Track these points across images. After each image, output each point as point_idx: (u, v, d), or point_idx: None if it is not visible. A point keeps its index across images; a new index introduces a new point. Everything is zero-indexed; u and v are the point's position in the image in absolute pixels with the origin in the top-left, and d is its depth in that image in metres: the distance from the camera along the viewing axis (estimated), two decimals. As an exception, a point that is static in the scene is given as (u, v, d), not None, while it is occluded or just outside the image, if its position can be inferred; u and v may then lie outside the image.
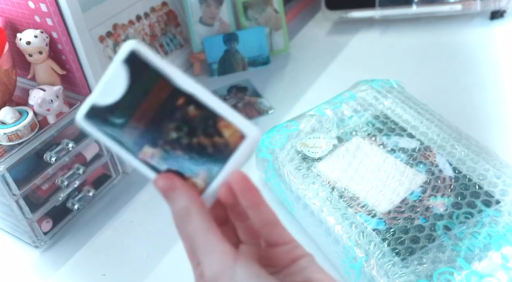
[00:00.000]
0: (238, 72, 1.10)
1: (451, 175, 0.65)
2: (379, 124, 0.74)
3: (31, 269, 0.72)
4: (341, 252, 0.61)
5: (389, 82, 0.81)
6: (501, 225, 0.58)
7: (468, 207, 0.61)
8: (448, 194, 0.63)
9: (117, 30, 1.02)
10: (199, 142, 0.35)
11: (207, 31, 1.09)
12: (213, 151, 0.35)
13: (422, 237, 0.59)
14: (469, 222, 0.59)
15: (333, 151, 0.71)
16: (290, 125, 0.77)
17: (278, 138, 0.75)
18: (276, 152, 0.74)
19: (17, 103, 0.73)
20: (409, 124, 0.73)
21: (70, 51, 0.71)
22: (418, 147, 0.69)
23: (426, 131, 0.72)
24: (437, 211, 0.61)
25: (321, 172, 0.69)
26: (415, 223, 0.61)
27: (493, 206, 0.61)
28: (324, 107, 0.78)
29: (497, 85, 0.96)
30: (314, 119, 0.76)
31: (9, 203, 0.67)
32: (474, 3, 1.10)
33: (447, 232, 0.59)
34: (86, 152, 0.77)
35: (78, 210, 0.77)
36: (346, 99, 0.78)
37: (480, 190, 0.63)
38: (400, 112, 0.75)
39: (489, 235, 0.57)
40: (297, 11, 1.29)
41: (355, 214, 0.63)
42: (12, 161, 0.65)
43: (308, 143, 0.73)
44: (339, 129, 0.74)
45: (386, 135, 0.72)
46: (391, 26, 1.18)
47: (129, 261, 0.71)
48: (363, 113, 0.76)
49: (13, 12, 0.72)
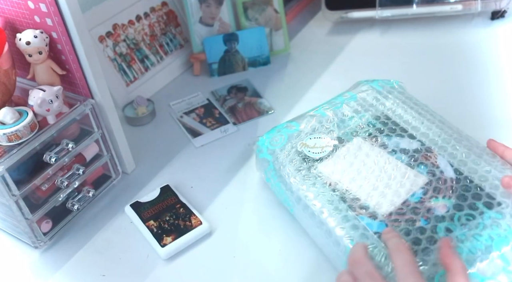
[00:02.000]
0: (238, 73, 1.10)
1: (453, 176, 0.65)
2: (380, 125, 0.73)
3: (31, 269, 0.72)
4: (342, 254, 0.61)
5: (389, 82, 0.81)
6: (502, 228, 0.58)
7: (470, 209, 0.61)
8: (449, 196, 0.63)
9: (117, 30, 1.02)
10: (179, 222, 0.74)
11: (207, 31, 1.09)
12: (183, 226, 0.73)
13: (424, 239, 0.59)
14: (471, 224, 0.59)
15: (334, 151, 0.71)
16: (290, 126, 0.76)
17: (278, 139, 0.75)
18: (277, 153, 0.73)
19: (17, 103, 0.73)
20: (410, 125, 0.73)
21: (70, 51, 0.71)
22: (419, 148, 0.69)
23: (427, 132, 0.71)
24: (439, 212, 0.61)
25: (322, 172, 0.69)
26: (416, 225, 0.60)
27: (495, 208, 0.60)
28: (324, 107, 0.78)
29: (498, 86, 0.96)
30: (315, 119, 0.76)
31: (8, 203, 0.67)
32: (475, 3, 1.10)
33: (448, 234, 0.59)
34: (86, 152, 0.77)
35: (78, 210, 0.76)
36: (347, 100, 0.78)
37: (481, 192, 0.62)
38: (401, 113, 0.75)
39: (491, 237, 0.57)
40: (297, 11, 1.29)
41: (356, 216, 0.63)
42: (11, 161, 0.65)
43: (309, 143, 0.73)
44: (339, 130, 0.74)
45: (387, 136, 0.72)
46: (392, 26, 1.18)
47: (129, 261, 0.71)
48: (364, 114, 0.75)
49: (13, 12, 0.72)
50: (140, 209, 0.77)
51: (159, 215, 0.75)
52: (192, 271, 0.69)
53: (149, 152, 0.90)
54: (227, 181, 0.82)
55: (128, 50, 1.03)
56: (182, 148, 0.91)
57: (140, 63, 1.05)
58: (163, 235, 0.72)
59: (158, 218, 0.75)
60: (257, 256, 0.70)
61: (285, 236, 0.72)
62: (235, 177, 0.83)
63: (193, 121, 0.96)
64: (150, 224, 0.74)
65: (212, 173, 0.84)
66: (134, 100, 0.99)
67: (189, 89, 1.05)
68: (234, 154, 0.87)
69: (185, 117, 0.98)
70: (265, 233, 0.73)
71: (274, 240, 0.72)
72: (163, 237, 0.72)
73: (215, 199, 0.79)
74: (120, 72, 1.01)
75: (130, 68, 1.03)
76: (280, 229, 0.73)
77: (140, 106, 0.98)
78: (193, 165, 0.87)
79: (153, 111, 0.99)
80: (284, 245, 0.71)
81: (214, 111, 0.99)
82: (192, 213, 0.75)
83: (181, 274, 0.69)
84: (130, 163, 0.86)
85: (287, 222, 0.73)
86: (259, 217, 0.75)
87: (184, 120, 0.97)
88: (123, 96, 1.00)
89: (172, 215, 0.75)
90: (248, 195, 0.79)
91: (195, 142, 0.91)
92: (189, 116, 0.98)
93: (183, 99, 1.03)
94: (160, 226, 0.73)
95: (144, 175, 0.85)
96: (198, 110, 0.99)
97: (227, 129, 0.93)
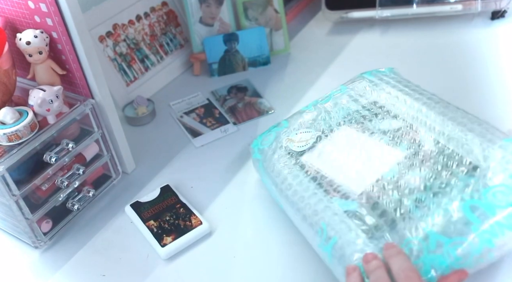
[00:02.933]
0: (238, 72, 1.10)
1: (432, 148, 0.65)
2: (366, 112, 0.74)
3: (31, 269, 0.72)
4: (315, 235, 0.63)
5: (382, 71, 0.81)
6: (476, 191, 0.58)
7: (442, 178, 0.61)
8: (423, 168, 0.63)
9: (117, 30, 1.02)
10: (179, 222, 0.74)
11: (207, 31, 1.09)
12: (183, 226, 0.73)
13: (392, 212, 0.59)
14: (443, 192, 0.59)
15: (317, 142, 0.72)
16: (280, 125, 0.78)
17: (267, 138, 0.76)
18: (265, 151, 0.75)
19: (17, 103, 0.73)
20: (394, 106, 0.73)
21: (70, 51, 0.71)
22: (401, 127, 0.69)
23: (411, 110, 0.71)
24: (411, 185, 0.61)
25: (305, 164, 0.70)
26: (386, 199, 0.61)
27: (470, 172, 0.60)
28: (314, 103, 0.79)
29: (498, 85, 0.96)
30: (303, 115, 0.77)
31: (9, 203, 0.67)
32: (475, 3, 1.10)
33: (418, 205, 0.59)
34: (86, 152, 0.77)
35: (78, 210, 0.76)
36: (336, 93, 0.79)
37: (458, 159, 0.62)
38: (387, 97, 0.74)
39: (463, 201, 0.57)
40: (297, 11, 1.29)
41: (330, 198, 0.64)
42: (12, 161, 0.65)
43: (294, 138, 0.74)
44: (325, 122, 0.75)
45: (370, 121, 0.72)
46: (392, 26, 1.18)
47: (129, 261, 0.71)
48: (352, 104, 0.76)
49: (13, 12, 0.72)
50: (140, 209, 0.77)
51: (159, 215, 0.75)
52: (192, 271, 0.69)
53: (149, 152, 0.90)
54: (227, 181, 0.82)
55: (128, 50, 1.03)
56: (182, 148, 0.91)
57: (140, 63, 1.05)
58: (163, 235, 0.72)
59: (158, 218, 0.75)
60: (257, 256, 0.70)
61: (285, 235, 0.72)
62: (235, 177, 0.83)
63: (193, 121, 0.96)
64: (150, 224, 0.74)
65: (212, 173, 0.84)
66: (134, 100, 0.99)
67: (189, 89, 1.05)
68: (234, 154, 0.87)
69: (185, 117, 0.98)
70: (265, 233, 0.73)
71: (274, 240, 0.72)
72: (163, 237, 0.72)
73: (215, 199, 0.79)
74: (120, 72, 1.01)
75: (130, 68, 1.03)
76: (280, 228, 0.73)
77: (140, 106, 0.98)
78: (193, 165, 0.87)
79: (153, 111, 0.99)
80: (284, 244, 0.71)
81: (214, 111, 0.99)
82: (192, 213, 0.75)
83: (181, 274, 0.69)
84: (130, 163, 0.86)
85: (287, 221, 0.73)
86: (259, 217, 0.75)
87: (184, 120, 0.97)
88: (123, 96, 1.00)
89: (172, 215, 0.75)
90: (248, 195, 0.79)
91: (195, 142, 0.91)
92: (189, 116, 0.98)
93: (183, 99, 1.03)
94: (160, 226, 0.74)
95: (144, 175, 0.85)
96: (198, 110, 0.99)
97: (227, 129, 0.93)
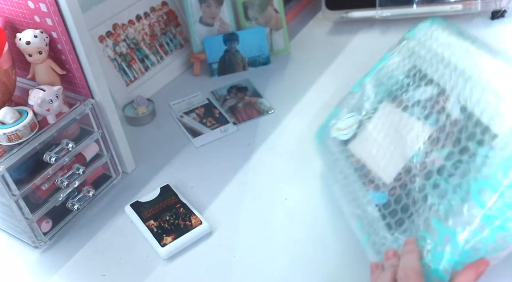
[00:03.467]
0: (238, 72, 1.10)
1: (458, 117, 0.58)
2: (407, 79, 0.69)
3: (31, 269, 0.72)
4: (356, 232, 0.65)
5: (426, 25, 0.73)
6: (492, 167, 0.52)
7: (460, 155, 0.56)
8: (446, 145, 0.58)
9: (117, 30, 1.02)
10: (179, 222, 0.74)
11: (207, 31, 1.09)
12: (183, 226, 0.73)
13: (411, 204, 0.58)
14: (457, 172, 0.55)
15: (360, 127, 0.71)
16: (333, 115, 0.78)
17: (323, 133, 0.78)
18: (321, 145, 0.77)
19: (17, 103, 0.73)
20: (432, 69, 0.66)
21: (70, 51, 0.71)
22: (432, 95, 0.63)
23: (444, 73, 0.64)
24: (433, 167, 0.57)
25: (349, 153, 0.70)
26: (410, 187, 0.58)
27: (486, 144, 0.53)
28: (360, 82, 0.77)
29: (497, 86, 0.96)
30: (349, 98, 0.76)
31: (9, 203, 0.67)
32: (475, 3, 1.10)
33: (434, 190, 0.56)
34: (86, 152, 0.77)
35: (78, 210, 0.76)
36: (379, 66, 0.76)
37: (479, 127, 0.55)
38: (428, 59, 0.67)
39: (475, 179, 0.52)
40: (297, 11, 1.29)
41: (366, 191, 0.64)
42: (12, 161, 0.65)
43: (341, 126, 0.74)
44: (369, 101, 0.72)
45: (406, 92, 0.67)
46: (392, 26, 1.18)
47: (129, 261, 0.71)
48: (394, 73, 0.71)
49: (13, 12, 0.72)
50: (140, 209, 0.77)
51: (159, 215, 0.75)
52: (192, 271, 0.69)
53: (149, 152, 0.90)
54: (227, 181, 0.82)
55: (128, 50, 1.03)
56: (182, 148, 0.91)
57: (140, 63, 1.05)
58: (163, 234, 0.72)
59: (158, 217, 0.75)
60: (257, 256, 0.70)
61: (284, 235, 0.72)
62: (235, 177, 0.83)
63: (193, 121, 0.96)
64: (150, 223, 0.74)
65: (212, 173, 0.84)
66: (134, 100, 0.99)
67: (189, 89, 1.05)
68: (234, 154, 0.87)
69: (185, 117, 0.98)
70: (264, 233, 0.73)
71: (274, 239, 0.72)
72: (163, 237, 0.72)
73: (215, 199, 0.79)
74: (120, 72, 1.01)
75: (130, 68, 1.03)
76: (279, 229, 0.73)
77: (140, 106, 0.98)
78: (193, 164, 0.87)
79: (153, 111, 0.99)
80: (283, 244, 0.71)
81: (214, 111, 0.99)
82: (192, 213, 0.75)
83: (181, 274, 0.69)
84: (130, 163, 0.86)
85: (287, 221, 0.73)
86: (259, 217, 0.75)
87: (184, 120, 0.97)
88: (123, 96, 1.00)
89: (172, 215, 0.75)
90: (248, 195, 0.79)
91: (195, 142, 0.91)
92: (189, 116, 0.98)
93: (183, 99, 1.03)
94: (160, 226, 0.74)
95: (144, 175, 0.85)
96: (198, 110, 0.99)
97: (227, 129, 0.93)
